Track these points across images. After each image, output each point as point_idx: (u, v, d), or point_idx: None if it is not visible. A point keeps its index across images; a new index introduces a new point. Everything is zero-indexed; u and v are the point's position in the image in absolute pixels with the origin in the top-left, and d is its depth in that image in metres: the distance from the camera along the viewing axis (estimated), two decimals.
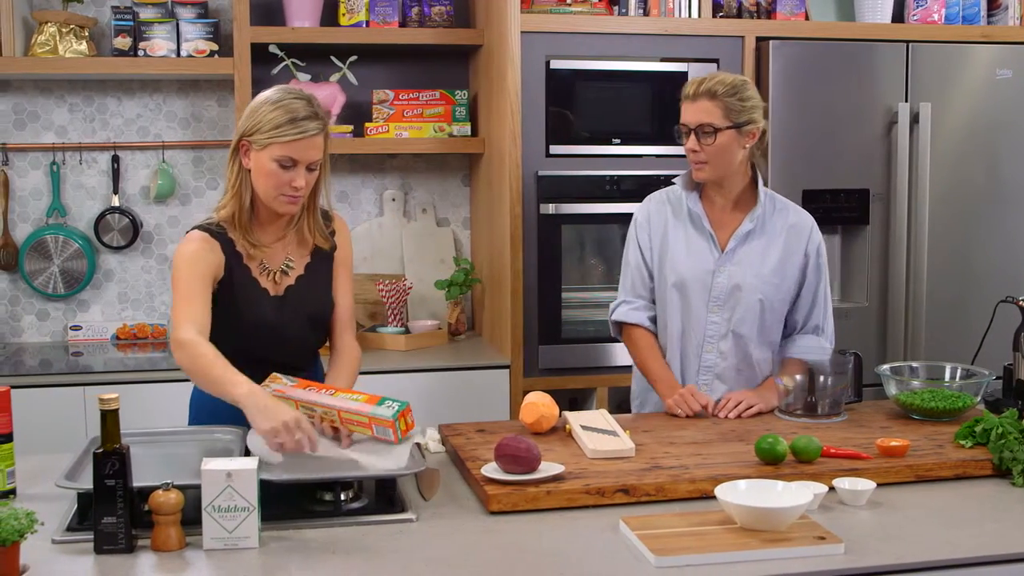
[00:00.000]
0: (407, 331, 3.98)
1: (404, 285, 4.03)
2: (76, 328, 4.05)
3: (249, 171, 2.46)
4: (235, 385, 2.22)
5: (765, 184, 2.89)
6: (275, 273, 2.54)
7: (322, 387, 2.36)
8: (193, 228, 2.52)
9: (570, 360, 3.69)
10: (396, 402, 2.25)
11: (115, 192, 4.03)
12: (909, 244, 3.86)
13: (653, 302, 2.92)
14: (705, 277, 2.82)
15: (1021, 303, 2.84)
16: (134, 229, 4.03)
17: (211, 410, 2.55)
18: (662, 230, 2.87)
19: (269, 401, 2.19)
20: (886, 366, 2.84)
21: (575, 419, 2.56)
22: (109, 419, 1.92)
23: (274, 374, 2.41)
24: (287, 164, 2.41)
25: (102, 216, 4.02)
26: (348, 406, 2.25)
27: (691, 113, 2.74)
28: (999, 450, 2.35)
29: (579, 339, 3.75)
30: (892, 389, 2.77)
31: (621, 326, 2.95)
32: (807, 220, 2.89)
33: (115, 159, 4.03)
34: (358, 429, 2.27)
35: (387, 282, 4.01)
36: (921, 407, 2.68)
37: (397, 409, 2.23)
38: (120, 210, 4.03)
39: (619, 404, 3.72)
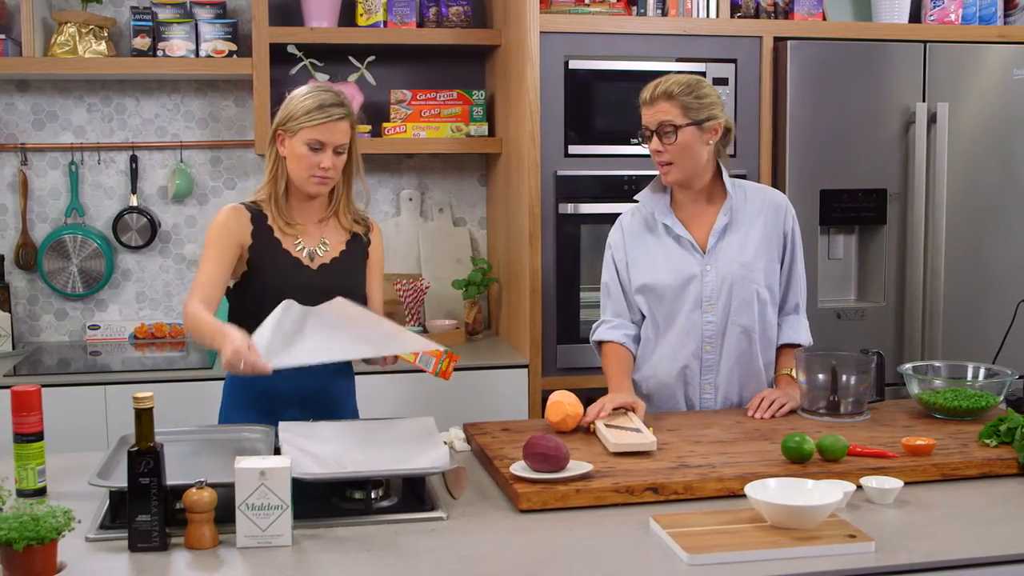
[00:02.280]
0: (425, 330, 3.99)
1: (421, 284, 4.04)
2: (94, 327, 4.07)
3: (284, 159, 2.69)
4: (220, 335, 2.40)
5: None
6: (311, 250, 2.73)
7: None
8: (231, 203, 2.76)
9: (588, 360, 3.69)
10: (455, 351, 2.54)
11: (133, 192, 4.05)
12: (926, 244, 3.86)
13: (634, 321, 2.93)
14: (693, 281, 2.82)
15: None
16: (152, 229, 4.05)
17: (243, 398, 2.72)
18: (639, 246, 2.88)
19: (229, 331, 2.38)
20: (908, 365, 2.85)
21: (600, 418, 2.57)
22: (143, 418, 1.93)
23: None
24: (316, 147, 2.64)
25: (120, 216, 4.04)
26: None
27: (650, 115, 2.77)
28: None
29: (573, 339, 3.76)
30: (914, 388, 2.78)
31: (600, 345, 2.96)
32: (781, 199, 2.91)
33: (133, 159, 4.04)
34: (405, 356, 2.55)
35: (404, 282, 4.02)
36: (944, 406, 2.69)
37: (450, 349, 2.52)
38: (138, 210, 4.04)
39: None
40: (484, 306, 4.25)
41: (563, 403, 2.58)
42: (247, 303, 2.69)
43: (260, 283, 2.68)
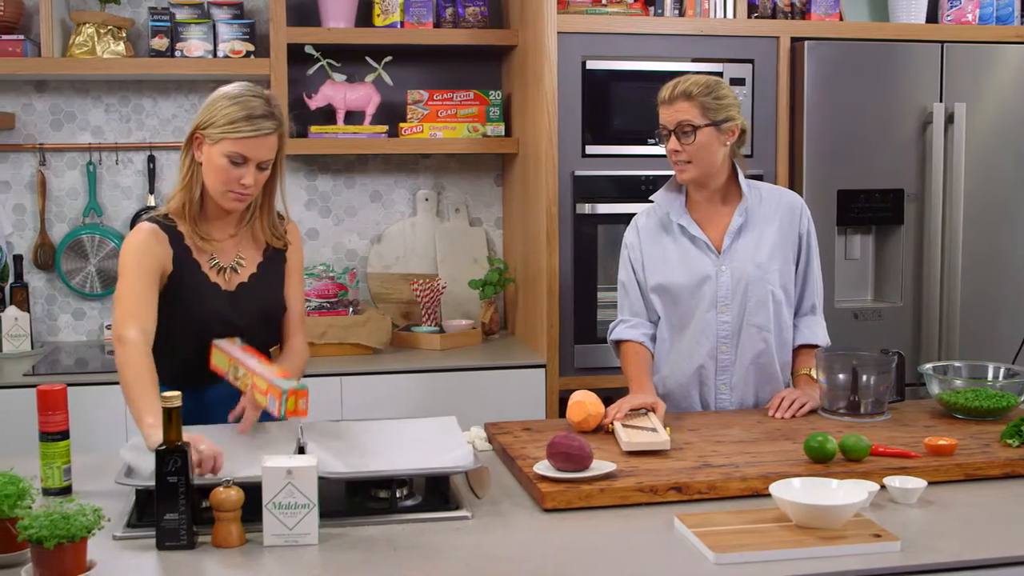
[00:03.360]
0: (441, 330, 3.99)
1: (438, 284, 4.05)
2: (111, 327, 4.07)
3: (200, 164, 2.47)
4: (146, 413, 2.21)
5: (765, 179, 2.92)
6: (226, 270, 2.55)
7: (261, 357, 2.41)
8: (143, 219, 2.53)
9: (606, 359, 3.70)
10: (301, 386, 2.22)
11: (151, 192, 4.06)
12: (943, 244, 3.86)
13: (651, 320, 2.93)
14: (708, 281, 2.83)
15: None
16: None
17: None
18: (655, 247, 2.89)
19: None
20: (929, 365, 2.85)
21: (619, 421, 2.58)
22: (172, 417, 1.94)
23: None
24: (237, 161, 2.41)
25: (138, 216, 4.05)
26: (263, 373, 2.28)
27: (669, 115, 2.77)
28: None
29: (585, 340, 3.77)
30: (935, 388, 2.78)
31: (618, 344, 2.96)
32: (797, 200, 2.92)
33: (151, 159, 4.05)
34: (256, 396, 2.29)
35: (421, 282, 4.03)
36: (965, 406, 2.69)
37: (294, 386, 2.19)
38: (155, 210, 4.05)
39: None
40: (500, 306, 4.25)
41: (585, 403, 2.59)
42: (164, 326, 2.44)
43: (176, 310, 2.48)
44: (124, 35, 3.86)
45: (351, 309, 3.87)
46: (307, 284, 3.88)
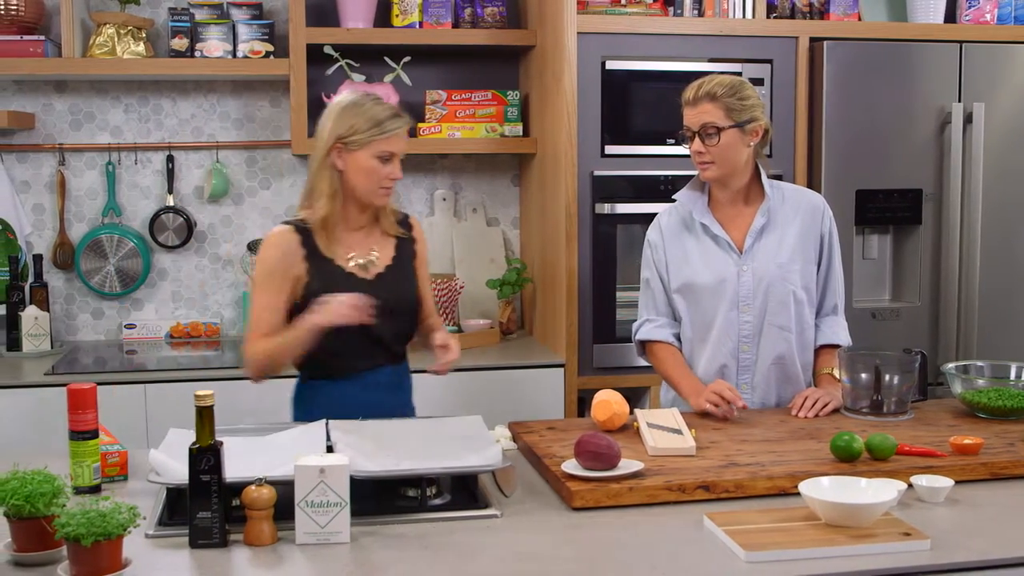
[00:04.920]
0: (460, 330, 4.00)
1: (456, 284, 4.06)
2: (130, 327, 4.09)
3: (342, 172, 2.68)
4: (299, 327, 2.57)
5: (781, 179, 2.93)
6: (364, 264, 2.74)
7: None
8: (280, 224, 2.77)
9: (625, 359, 3.71)
10: None
11: (169, 192, 4.08)
12: (961, 244, 3.86)
13: (675, 318, 2.94)
14: (730, 280, 2.84)
15: None
16: (188, 228, 4.08)
17: (314, 407, 2.74)
18: (677, 245, 2.90)
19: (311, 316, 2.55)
20: (951, 365, 2.85)
21: (644, 417, 2.58)
22: (204, 415, 1.95)
23: None
24: (386, 158, 2.67)
25: (157, 216, 4.06)
26: None
27: (693, 116, 2.78)
28: None
29: (602, 339, 3.78)
30: (957, 387, 2.78)
31: (645, 344, 2.97)
32: (819, 201, 2.93)
33: (169, 159, 4.07)
34: None
35: (439, 281, 4.04)
36: (988, 405, 2.69)
37: None
38: (174, 210, 4.07)
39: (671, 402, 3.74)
40: (517, 306, 4.26)
41: (610, 402, 2.59)
42: None
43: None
44: (144, 35, 3.88)
45: None
46: None
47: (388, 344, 2.79)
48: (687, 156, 3.58)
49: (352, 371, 2.75)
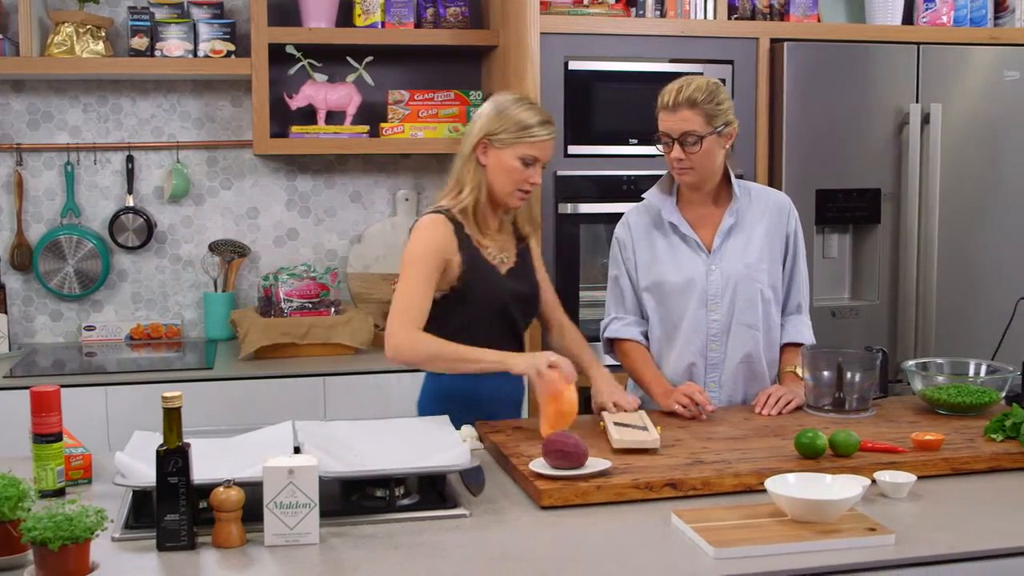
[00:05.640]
0: None
1: None
2: (90, 328, 4.05)
3: (484, 167, 2.75)
4: (488, 358, 2.64)
5: (742, 177, 2.98)
6: (500, 256, 2.83)
7: None
8: (430, 212, 2.81)
9: None
10: None
11: (129, 192, 4.04)
12: (919, 243, 3.91)
13: (643, 316, 2.96)
14: (699, 279, 2.86)
15: None
16: (148, 229, 4.04)
17: (444, 395, 2.85)
18: (646, 244, 2.92)
19: (521, 356, 2.62)
20: (911, 362, 2.89)
21: (610, 416, 2.59)
22: (172, 417, 1.93)
23: None
24: (529, 162, 2.73)
25: (116, 216, 4.03)
26: None
27: (673, 123, 2.76)
28: None
29: (597, 338, 3.77)
30: (918, 384, 2.82)
31: (613, 342, 2.99)
32: (785, 201, 2.96)
33: (129, 159, 4.03)
34: None
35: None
36: (947, 402, 2.73)
37: None
38: (134, 210, 4.04)
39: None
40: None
41: (562, 412, 2.53)
42: (465, 312, 2.77)
43: (472, 295, 2.76)
44: (103, 34, 3.84)
45: (333, 309, 3.87)
46: (288, 285, 3.88)
47: (520, 336, 2.90)
48: (650, 156, 3.61)
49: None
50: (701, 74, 3.67)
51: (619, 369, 3.01)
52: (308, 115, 3.99)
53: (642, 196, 2.97)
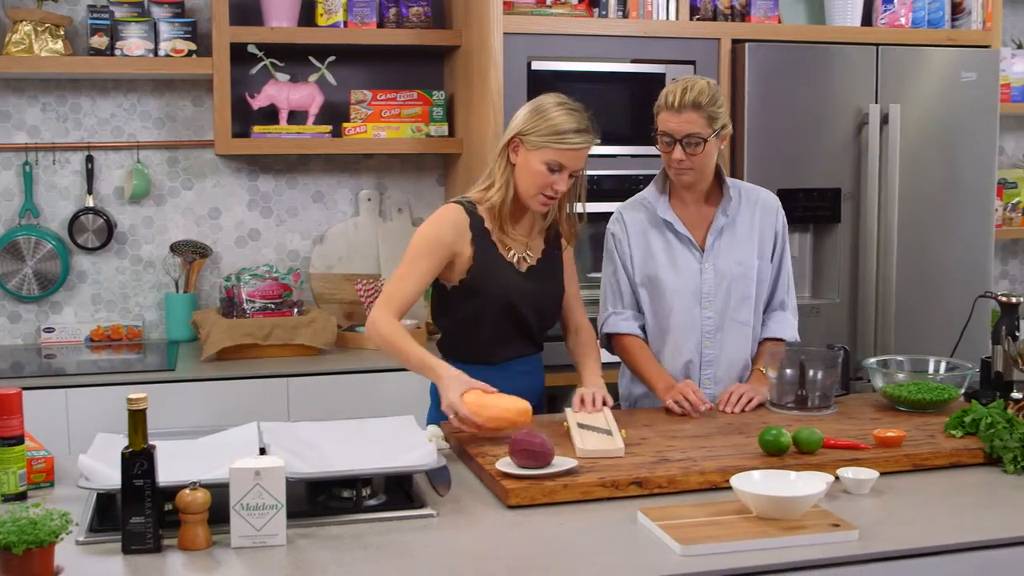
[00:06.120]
0: None
1: (381, 285, 4.05)
2: (49, 330, 4.01)
3: (514, 166, 2.72)
4: (428, 363, 2.61)
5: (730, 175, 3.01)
6: (520, 255, 2.81)
7: None
8: (453, 201, 2.83)
9: (552, 358, 3.71)
10: None
11: (89, 192, 4.00)
12: (879, 242, 3.95)
13: (639, 311, 2.98)
14: (692, 277, 2.90)
15: (1001, 298, 2.92)
16: (108, 230, 4.00)
17: None
18: (641, 241, 2.94)
19: (444, 374, 2.56)
20: (872, 360, 2.93)
21: (573, 418, 2.60)
22: (138, 419, 1.92)
23: None
24: (555, 168, 2.67)
25: (76, 217, 3.98)
26: None
27: (677, 124, 2.78)
28: (990, 439, 2.43)
29: (561, 337, 3.78)
30: (879, 382, 2.85)
31: (611, 337, 3.01)
32: (773, 199, 3.01)
33: (89, 159, 3.99)
34: None
35: (364, 282, 4.03)
36: (908, 399, 2.77)
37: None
38: (94, 211, 4.00)
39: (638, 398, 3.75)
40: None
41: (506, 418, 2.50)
42: (469, 305, 2.77)
43: (484, 288, 2.75)
44: (62, 33, 3.80)
45: (296, 310, 3.85)
46: (250, 285, 3.86)
47: (534, 336, 2.88)
48: (612, 156, 3.64)
49: (495, 358, 2.80)
50: (663, 75, 3.71)
51: (617, 366, 3.03)
52: (270, 115, 3.97)
53: (638, 196, 3.00)
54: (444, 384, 2.53)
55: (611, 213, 3.02)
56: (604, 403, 2.67)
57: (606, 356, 2.98)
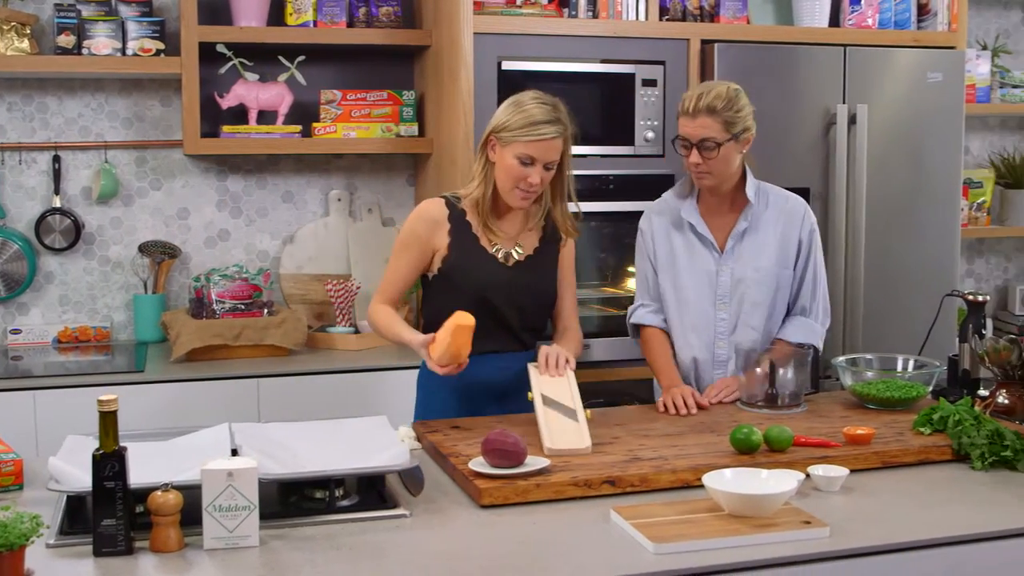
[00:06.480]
0: (356, 331, 3.99)
1: (352, 285, 4.04)
2: (16, 332, 3.97)
3: (493, 164, 2.78)
4: (403, 332, 2.78)
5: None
6: (506, 251, 2.85)
7: None
8: (437, 196, 2.91)
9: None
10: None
11: (56, 193, 3.96)
12: (847, 241, 3.98)
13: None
14: (709, 278, 2.97)
15: (968, 297, 2.96)
16: (76, 230, 3.97)
17: (440, 390, 2.88)
18: (664, 238, 3.02)
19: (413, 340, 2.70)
20: (841, 358, 2.95)
21: (538, 386, 2.61)
22: (108, 421, 1.91)
23: None
24: (526, 161, 2.72)
25: (43, 217, 3.95)
26: None
27: (692, 128, 2.85)
28: (958, 436, 2.46)
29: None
30: (848, 380, 2.87)
31: (638, 328, 3.08)
32: (799, 206, 3.04)
33: (56, 159, 3.96)
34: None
35: (334, 282, 4.01)
36: (876, 397, 2.79)
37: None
38: (61, 211, 3.96)
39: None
40: (415, 305, 4.25)
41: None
42: (445, 296, 2.82)
43: (458, 279, 2.81)
44: (28, 32, 3.76)
45: (266, 310, 3.84)
46: (220, 286, 3.84)
47: (516, 332, 2.88)
48: (582, 156, 3.63)
49: (477, 352, 2.72)
50: (632, 76, 3.72)
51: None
52: (239, 115, 3.95)
53: (664, 195, 3.09)
54: (416, 350, 2.70)
55: (582, 213, 3.04)
56: (568, 365, 2.70)
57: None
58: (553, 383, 2.63)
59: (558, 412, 2.53)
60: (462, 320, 2.56)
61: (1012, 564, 2.07)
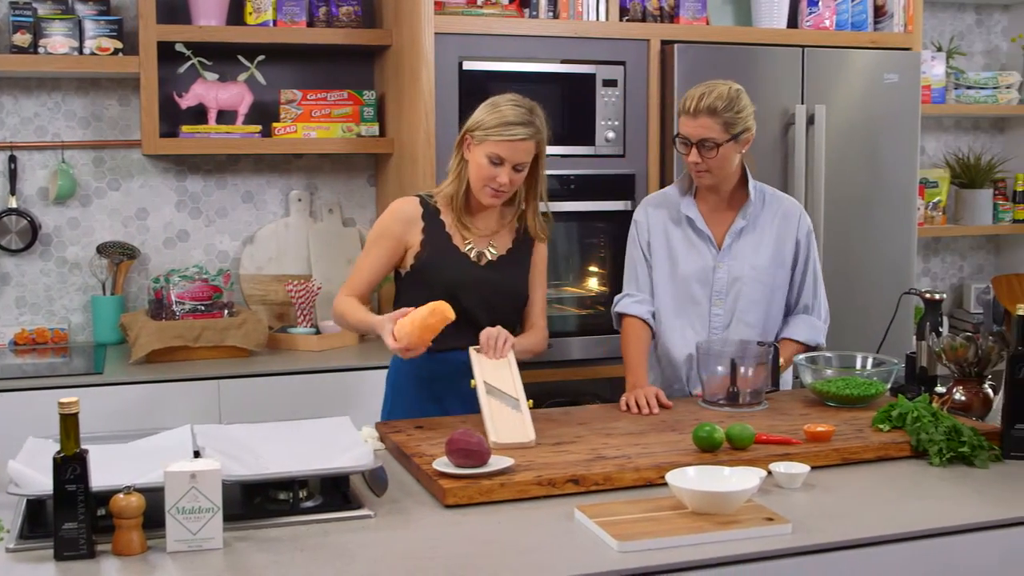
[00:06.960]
0: (317, 331, 3.97)
1: (312, 286, 4.02)
2: None
3: (467, 162, 2.82)
4: (366, 316, 2.80)
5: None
6: (479, 251, 2.88)
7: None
8: (411, 194, 2.96)
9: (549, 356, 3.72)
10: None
11: (12, 193, 3.92)
12: None
13: (652, 296, 3.07)
14: (706, 274, 3.00)
15: (925, 295, 2.99)
16: (33, 231, 3.93)
17: (408, 385, 2.91)
18: (661, 231, 3.05)
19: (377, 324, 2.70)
20: (801, 356, 2.97)
21: (480, 372, 2.63)
22: (69, 423, 1.89)
23: None
24: (496, 161, 2.75)
25: None
26: None
27: (692, 128, 2.89)
28: (916, 433, 2.49)
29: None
30: (808, 378, 2.90)
31: (621, 317, 3.09)
32: (795, 208, 3.08)
33: (11, 159, 3.91)
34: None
35: (295, 283, 4.00)
36: (836, 394, 2.82)
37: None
38: (17, 212, 3.92)
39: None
40: (376, 306, 4.24)
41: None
42: (416, 293, 2.81)
43: (429, 276, 2.84)
44: None
45: (226, 311, 3.81)
46: (180, 287, 3.81)
47: (479, 323, 2.81)
48: (547, 156, 3.61)
49: (446, 348, 2.77)
50: (593, 76, 3.73)
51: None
52: (199, 114, 3.93)
53: (664, 190, 3.12)
54: (379, 333, 2.69)
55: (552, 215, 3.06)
56: (510, 345, 2.72)
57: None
58: (495, 370, 2.65)
59: (501, 402, 2.55)
60: (445, 308, 2.57)
61: (971, 558, 2.10)
